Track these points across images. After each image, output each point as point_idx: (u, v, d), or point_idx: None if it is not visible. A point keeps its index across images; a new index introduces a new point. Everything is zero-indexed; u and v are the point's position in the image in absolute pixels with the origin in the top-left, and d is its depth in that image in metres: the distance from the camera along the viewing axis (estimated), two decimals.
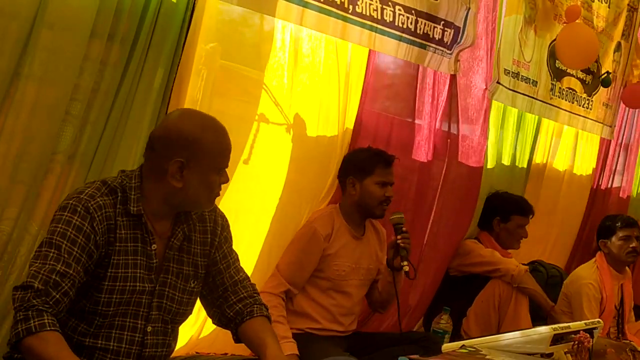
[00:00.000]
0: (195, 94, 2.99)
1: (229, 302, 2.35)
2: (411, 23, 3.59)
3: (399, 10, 3.52)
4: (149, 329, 2.18)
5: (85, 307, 2.10)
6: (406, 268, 3.13)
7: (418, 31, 3.65)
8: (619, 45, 5.57)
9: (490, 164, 4.53)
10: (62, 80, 2.61)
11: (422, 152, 4.00)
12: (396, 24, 3.52)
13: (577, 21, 4.59)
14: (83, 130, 2.70)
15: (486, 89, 4.29)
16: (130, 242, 2.14)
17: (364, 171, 3.22)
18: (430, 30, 3.72)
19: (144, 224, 2.16)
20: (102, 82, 2.71)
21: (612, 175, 6.04)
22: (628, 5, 5.51)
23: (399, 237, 3.19)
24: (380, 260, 3.38)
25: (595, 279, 4.25)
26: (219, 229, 2.37)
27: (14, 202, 2.60)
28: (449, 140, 4.13)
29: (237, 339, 2.37)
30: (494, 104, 4.46)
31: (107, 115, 2.73)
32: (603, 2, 5.23)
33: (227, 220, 2.43)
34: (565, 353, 2.69)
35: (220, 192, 2.28)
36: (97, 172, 2.72)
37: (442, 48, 3.83)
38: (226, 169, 2.23)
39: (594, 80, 5.34)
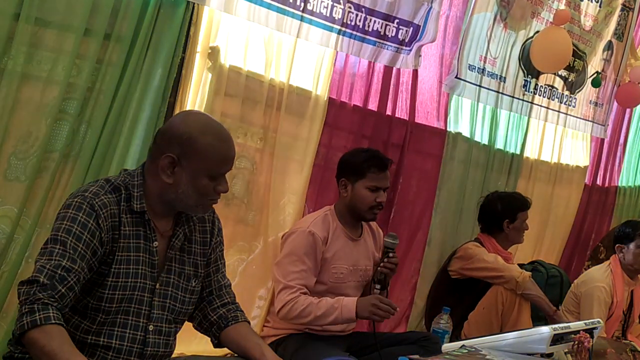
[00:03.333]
0: (196, 94, 3.00)
1: (212, 306, 2.37)
2: (360, 20, 3.62)
3: (349, 7, 3.55)
4: (151, 327, 2.18)
5: (89, 303, 2.10)
6: (376, 291, 3.03)
7: (367, 28, 3.68)
8: (609, 44, 5.58)
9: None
10: (56, 79, 2.61)
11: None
12: (344, 20, 3.54)
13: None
14: (80, 129, 2.70)
15: (441, 83, 4.30)
16: (134, 239, 2.14)
17: (356, 174, 3.12)
18: (381, 28, 3.75)
19: (147, 221, 2.16)
20: (100, 81, 2.71)
21: (607, 173, 6.08)
22: (622, 4, 5.52)
23: (381, 263, 3.05)
24: (377, 260, 3.35)
25: (608, 283, 4.18)
26: (215, 230, 2.38)
27: (9, 199, 2.60)
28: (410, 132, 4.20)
29: (218, 344, 2.38)
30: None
31: (106, 115, 2.73)
32: (593, 1, 5.24)
33: (221, 224, 2.43)
34: (565, 353, 2.68)
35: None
36: (96, 171, 2.72)
37: (396, 45, 3.86)
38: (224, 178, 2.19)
39: (578, 77, 5.35)
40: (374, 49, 3.77)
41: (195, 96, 3.02)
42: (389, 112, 4.02)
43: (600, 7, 5.30)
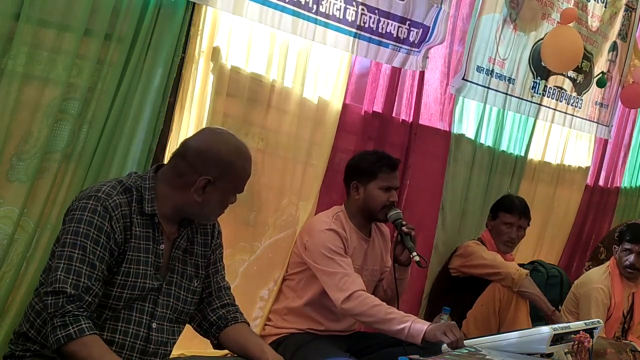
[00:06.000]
0: (197, 94, 3.00)
1: (212, 307, 2.41)
2: (373, 22, 3.61)
3: (362, 9, 3.54)
4: (154, 325, 2.22)
5: None
6: (416, 258, 3.08)
7: (380, 30, 3.66)
8: (614, 44, 5.57)
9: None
10: (57, 79, 2.60)
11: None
12: (358, 23, 3.53)
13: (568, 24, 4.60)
14: (81, 129, 2.70)
15: (448, 84, 4.30)
16: (143, 240, 2.20)
17: (368, 175, 3.19)
18: (394, 29, 3.74)
19: (157, 224, 2.22)
20: (101, 82, 2.71)
21: (610, 174, 6.06)
22: (625, 4, 5.51)
23: (403, 227, 3.13)
24: (385, 261, 3.36)
25: (607, 284, 4.20)
26: (216, 233, 2.44)
27: (10, 200, 2.60)
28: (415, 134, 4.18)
29: (217, 344, 2.41)
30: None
31: (106, 115, 2.72)
32: (599, 1, 5.23)
33: (221, 228, 2.48)
34: (566, 353, 2.69)
35: None
36: (97, 171, 2.72)
37: (407, 47, 3.85)
38: None
39: (586, 79, 5.34)
40: (390, 52, 3.77)
41: (196, 96, 3.01)
42: (394, 114, 4.02)
43: (605, 7, 5.30)
